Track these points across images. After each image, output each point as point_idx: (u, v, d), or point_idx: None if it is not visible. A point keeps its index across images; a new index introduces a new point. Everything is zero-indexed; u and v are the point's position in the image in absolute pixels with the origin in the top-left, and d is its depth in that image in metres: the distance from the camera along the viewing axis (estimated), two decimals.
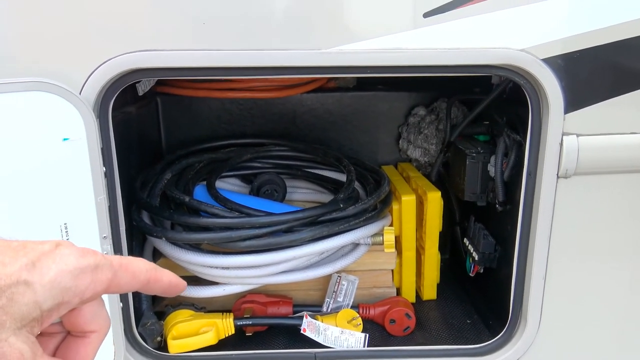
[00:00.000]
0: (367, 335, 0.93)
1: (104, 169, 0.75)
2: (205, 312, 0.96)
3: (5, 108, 0.69)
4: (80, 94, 0.72)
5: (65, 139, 0.71)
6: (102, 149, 0.75)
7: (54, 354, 0.37)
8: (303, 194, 1.19)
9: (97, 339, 0.37)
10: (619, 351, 0.91)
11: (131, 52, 0.72)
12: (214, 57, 0.74)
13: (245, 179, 1.20)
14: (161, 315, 0.94)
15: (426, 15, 0.74)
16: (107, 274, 0.34)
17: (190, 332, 0.91)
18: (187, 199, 0.94)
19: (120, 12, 0.72)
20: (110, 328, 0.79)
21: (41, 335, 0.35)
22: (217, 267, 0.91)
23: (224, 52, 0.74)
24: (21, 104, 0.69)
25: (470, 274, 1.06)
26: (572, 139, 0.78)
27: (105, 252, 0.77)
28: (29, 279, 0.31)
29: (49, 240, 0.33)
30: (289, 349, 0.93)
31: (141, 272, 0.37)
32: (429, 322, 1.03)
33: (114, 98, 0.75)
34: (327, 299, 1.01)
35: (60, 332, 0.37)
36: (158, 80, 1.08)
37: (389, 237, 0.97)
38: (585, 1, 0.75)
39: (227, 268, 0.91)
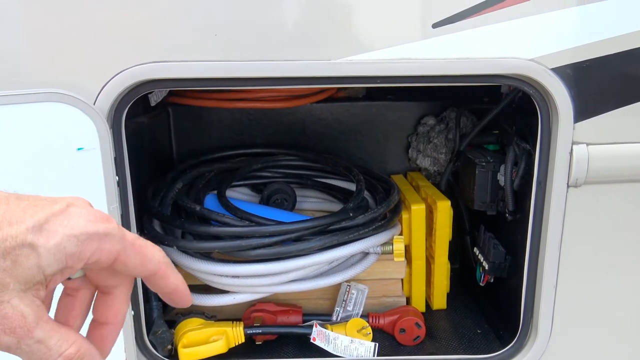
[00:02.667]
0: (377, 344, 0.92)
1: (117, 178, 0.76)
2: (215, 320, 0.97)
3: (21, 119, 0.71)
4: (94, 104, 0.73)
5: (79, 149, 0.72)
6: (115, 158, 0.76)
7: (84, 311, 0.36)
8: (313, 203, 1.19)
9: (122, 292, 0.37)
10: None
11: (144, 63, 0.73)
12: (224, 68, 0.75)
13: (255, 188, 1.21)
14: (172, 324, 0.94)
15: (435, 25, 0.75)
16: (115, 245, 0.33)
17: (200, 340, 0.91)
18: (197, 208, 0.94)
19: (133, 24, 0.73)
20: (122, 335, 0.79)
21: (65, 295, 0.36)
22: (227, 276, 0.91)
23: (234, 63, 0.75)
24: (37, 115, 0.71)
25: (481, 284, 1.05)
26: (582, 148, 0.78)
27: None
28: (34, 242, 0.30)
29: (62, 198, 0.32)
30: (299, 357, 0.93)
31: (152, 261, 0.35)
32: (439, 332, 1.02)
33: (127, 108, 0.77)
34: (336, 308, 1.01)
35: (84, 288, 0.36)
36: (170, 90, 1.10)
37: (399, 246, 0.97)
38: (594, 11, 0.75)
39: (238, 277, 0.91)
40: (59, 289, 0.35)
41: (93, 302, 0.37)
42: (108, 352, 0.37)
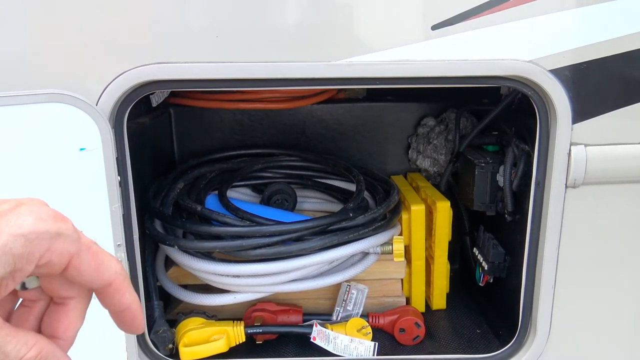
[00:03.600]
0: (377, 344, 0.93)
1: (119, 178, 0.77)
2: (216, 320, 0.97)
3: (24, 119, 0.72)
4: (96, 105, 0.74)
5: (82, 149, 0.73)
6: (117, 158, 0.76)
7: (39, 323, 0.33)
8: (313, 204, 1.20)
9: (77, 306, 0.34)
10: None
11: (146, 64, 0.74)
12: (226, 69, 0.76)
13: (256, 188, 1.21)
14: (173, 323, 0.95)
15: (434, 27, 0.76)
16: (69, 246, 0.30)
17: (201, 339, 0.92)
18: (199, 208, 0.95)
19: (135, 25, 0.74)
20: (123, 334, 0.79)
21: (22, 306, 0.34)
22: (228, 275, 0.92)
23: (236, 64, 0.75)
24: (40, 115, 0.72)
25: (480, 284, 1.06)
26: (580, 149, 0.79)
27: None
28: None
29: (12, 199, 0.30)
30: (299, 357, 0.94)
31: (108, 269, 0.32)
32: (438, 332, 1.03)
33: (129, 109, 0.77)
34: (336, 308, 1.02)
35: (41, 300, 0.34)
36: (171, 91, 1.11)
37: (399, 246, 0.98)
38: (593, 13, 0.76)
39: (238, 276, 0.92)
40: None
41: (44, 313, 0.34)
42: None
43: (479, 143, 1.11)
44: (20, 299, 0.34)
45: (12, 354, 0.29)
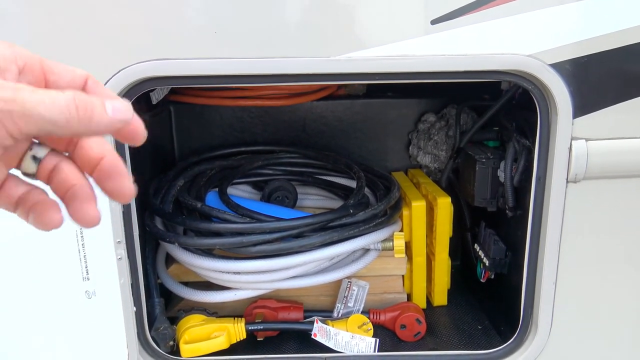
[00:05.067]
0: (378, 340, 0.93)
1: None
2: (217, 317, 0.97)
3: None
4: None
5: None
6: None
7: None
8: (314, 201, 1.20)
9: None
10: (631, 357, 0.90)
11: (145, 61, 0.74)
12: (225, 65, 0.75)
13: (256, 185, 1.21)
14: (174, 320, 0.95)
15: (434, 22, 0.75)
16: (29, 52, 0.33)
17: (202, 336, 0.92)
18: (199, 205, 0.95)
19: (134, 22, 0.74)
20: (124, 331, 0.79)
21: (56, 177, 0.35)
22: (228, 272, 0.92)
23: (234, 60, 0.75)
24: None
25: (481, 280, 1.06)
26: (581, 144, 0.78)
27: (119, 258, 0.79)
28: None
29: None
30: (300, 353, 0.94)
31: (74, 68, 0.35)
32: (439, 328, 1.03)
33: None
34: (337, 305, 1.02)
35: (62, 159, 0.35)
36: (171, 89, 1.10)
37: (399, 243, 0.97)
38: (593, 6, 0.75)
39: (239, 273, 0.92)
40: None
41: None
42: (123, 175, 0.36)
43: (479, 139, 1.10)
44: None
45: (46, 108, 0.30)
